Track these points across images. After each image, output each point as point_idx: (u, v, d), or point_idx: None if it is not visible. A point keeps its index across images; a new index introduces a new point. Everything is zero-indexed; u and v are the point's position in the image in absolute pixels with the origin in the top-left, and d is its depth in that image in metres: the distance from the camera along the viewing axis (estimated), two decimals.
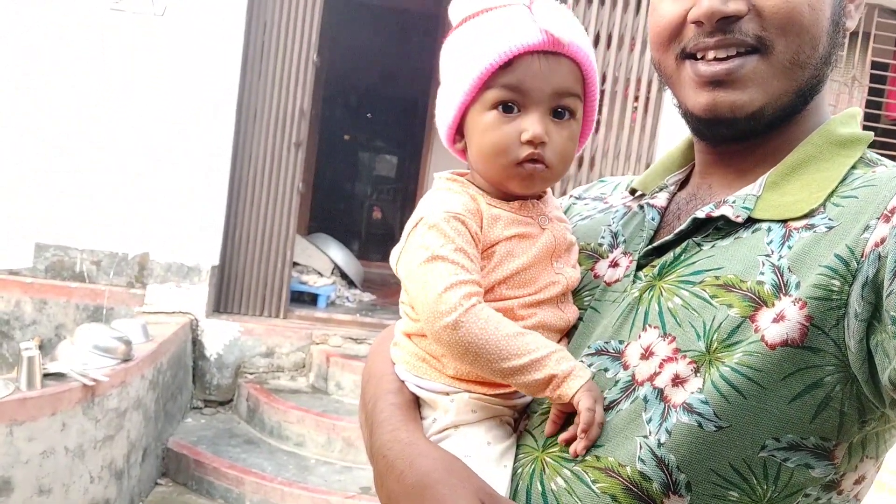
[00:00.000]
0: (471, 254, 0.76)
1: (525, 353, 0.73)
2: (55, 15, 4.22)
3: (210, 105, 4.34)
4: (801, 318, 0.65)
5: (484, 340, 0.73)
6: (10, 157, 4.27)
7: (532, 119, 0.77)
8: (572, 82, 0.78)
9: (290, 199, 4.60)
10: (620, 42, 4.63)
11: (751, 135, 0.77)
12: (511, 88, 0.77)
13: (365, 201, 9.06)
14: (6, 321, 4.25)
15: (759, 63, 0.73)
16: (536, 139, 0.76)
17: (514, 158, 0.78)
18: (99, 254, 4.36)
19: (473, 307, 0.73)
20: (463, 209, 0.78)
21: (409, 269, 0.78)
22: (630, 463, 0.68)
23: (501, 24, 0.77)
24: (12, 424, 2.51)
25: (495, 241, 0.79)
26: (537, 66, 0.76)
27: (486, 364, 0.74)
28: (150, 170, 4.34)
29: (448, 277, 0.74)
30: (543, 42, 0.75)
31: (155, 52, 4.28)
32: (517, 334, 0.74)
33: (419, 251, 0.77)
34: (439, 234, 0.76)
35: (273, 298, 4.64)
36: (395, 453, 0.76)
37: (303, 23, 4.50)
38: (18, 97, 4.25)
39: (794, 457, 0.66)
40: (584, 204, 0.99)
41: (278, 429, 3.92)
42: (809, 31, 0.72)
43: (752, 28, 0.72)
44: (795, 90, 0.74)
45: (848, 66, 4.93)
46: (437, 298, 0.74)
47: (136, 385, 3.28)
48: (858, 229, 0.67)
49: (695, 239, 0.76)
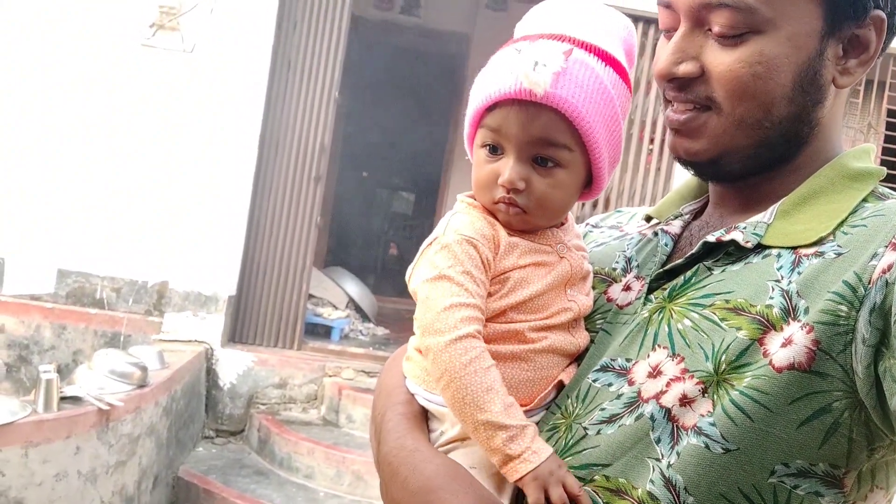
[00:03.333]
0: (477, 278, 0.77)
1: (486, 411, 0.72)
2: (88, 49, 4.37)
3: (233, 139, 4.44)
4: (809, 343, 0.65)
5: (461, 374, 0.73)
6: (36, 185, 4.38)
7: (507, 163, 0.78)
8: (554, 132, 0.77)
9: (308, 233, 4.66)
10: (636, 85, 4.71)
11: (733, 177, 0.80)
12: (493, 131, 0.79)
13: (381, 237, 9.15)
14: (26, 346, 4.31)
15: (710, 118, 0.76)
16: (507, 185, 0.78)
17: (492, 197, 0.80)
18: (119, 281, 4.43)
19: (470, 337, 0.74)
20: (476, 234, 0.79)
21: (417, 285, 0.80)
22: (642, 485, 0.69)
23: (501, 63, 0.78)
24: (28, 446, 2.54)
25: (510, 268, 0.80)
26: (514, 114, 0.76)
27: (450, 399, 0.74)
28: (172, 200, 4.43)
29: (450, 297, 0.75)
30: (517, 91, 0.75)
31: (182, 86, 4.41)
32: (493, 390, 0.73)
33: (428, 269, 0.79)
34: (450, 255, 0.78)
35: (288, 330, 4.67)
36: (400, 460, 0.77)
37: (326, 61, 4.62)
38: (46, 128, 4.38)
39: (804, 484, 0.66)
40: (600, 232, 1.01)
41: (288, 460, 3.91)
42: (756, 98, 0.74)
43: (704, 90, 0.76)
44: (756, 145, 0.76)
45: (864, 114, 4.97)
46: (435, 316, 0.75)
47: (150, 411, 3.31)
48: (867, 256, 0.67)
49: (706, 263, 0.77)
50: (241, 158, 4.47)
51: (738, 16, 0.72)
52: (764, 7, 0.71)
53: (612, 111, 0.79)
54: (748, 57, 0.73)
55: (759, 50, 0.72)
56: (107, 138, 4.40)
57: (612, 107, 0.79)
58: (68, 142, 4.39)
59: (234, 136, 4.44)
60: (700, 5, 0.73)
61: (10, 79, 4.37)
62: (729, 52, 0.73)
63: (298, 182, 4.63)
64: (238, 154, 4.46)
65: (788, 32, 0.72)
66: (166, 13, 4.36)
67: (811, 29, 0.73)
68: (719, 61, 0.74)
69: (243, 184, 4.48)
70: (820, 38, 0.74)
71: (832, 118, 0.80)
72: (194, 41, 4.40)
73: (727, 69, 0.73)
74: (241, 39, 4.43)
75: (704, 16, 0.74)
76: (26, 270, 4.37)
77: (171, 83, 4.40)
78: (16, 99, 4.38)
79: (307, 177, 4.63)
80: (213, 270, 4.45)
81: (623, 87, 0.82)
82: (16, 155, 4.38)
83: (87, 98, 4.39)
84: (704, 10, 0.73)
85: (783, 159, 0.78)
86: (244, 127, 4.45)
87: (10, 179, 4.39)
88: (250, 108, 4.46)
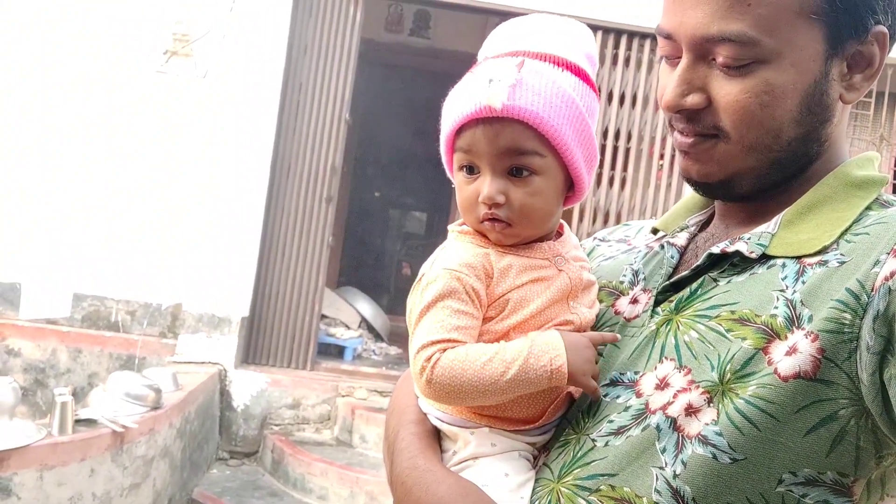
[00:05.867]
0: (458, 309, 0.77)
1: (505, 372, 0.75)
2: (103, 75, 4.45)
3: (246, 161, 4.50)
4: (814, 351, 0.66)
5: (460, 383, 0.75)
6: (53, 210, 4.45)
7: (484, 181, 0.80)
8: (521, 141, 0.78)
9: (321, 253, 4.69)
10: (646, 101, 4.72)
11: (742, 197, 0.81)
12: (466, 152, 0.81)
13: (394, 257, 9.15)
14: (42, 369, 4.35)
15: (718, 145, 0.77)
16: (487, 201, 0.79)
17: (477, 217, 0.81)
18: (134, 304, 4.47)
19: (437, 361, 0.75)
20: (461, 265, 0.79)
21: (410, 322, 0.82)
22: (646, 494, 0.68)
23: (461, 88, 0.81)
24: (43, 469, 2.56)
25: (508, 290, 0.80)
26: (480, 132, 0.79)
27: (478, 398, 0.76)
28: (187, 223, 4.48)
29: (423, 336, 0.77)
30: (478, 110, 0.77)
31: (195, 111, 4.47)
32: (489, 358, 0.75)
33: (414, 307, 0.80)
34: (431, 289, 0.78)
35: (301, 350, 4.68)
36: (413, 480, 0.78)
37: (336, 83, 4.67)
38: (62, 152, 4.45)
39: (813, 492, 0.66)
40: (607, 245, 1.01)
41: (302, 481, 3.90)
42: (764, 125, 0.74)
43: (711, 120, 0.76)
44: (766, 167, 0.77)
45: (875, 126, 4.94)
46: (413, 360, 0.77)
47: (164, 433, 3.32)
48: (869, 264, 0.68)
49: (711, 275, 0.77)
50: (253, 181, 4.51)
51: (741, 49, 0.72)
52: (766, 38, 0.71)
53: (576, 112, 0.80)
54: (754, 87, 0.73)
55: (765, 79, 0.73)
56: (124, 164, 4.47)
57: (575, 108, 0.80)
58: (85, 167, 4.46)
59: (247, 157, 4.49)
60: (703, 39, 0.74)
61: (27, 101, 4.45)
62: (735, 83, 0.74)
63: (310, 203, 4.67)
64: (251, 175, 4.51)
65: (792, 59, 0.73)
66: (179, 40, 4.44)
67: (814, 52, 0.73)
68: (725, 92, 0.74)
69: (256, 206, 4.53)
70: (824, 59, 0.74)
71: (839, 131, 0.80)
72: (207, 67, 4.47)
73: (734, 100, 0.74)
74: (253, 64, 4.49)
75: (708, 48, 0.74)
76: (42, 295, 4.43)
77: (184, 108, 4.47)
78: (33, 124, 4.46)
79: (319, 198, 4.67)
80: (226, 292, 4.48)
81: (584, 88, 0.82)
82: (33, 179, 4.45)
83: (104, 126, 4.46)
84: (708, 44, 0.74)
85: (793, 176, 0.79)
86: (256, 149, 4.51)
87: (27, 204, 4.46)
88: (262, 131, 4.51)
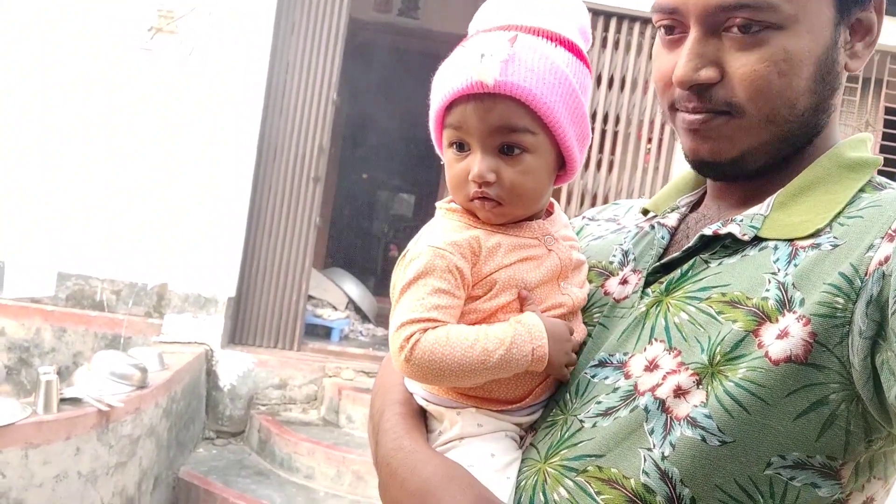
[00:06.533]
0: (439, 288, 0.76)
1: (490, 355, 0.74)
2: (87, 51, 4.39)
3: (232, 141, 4.46)
4: (805, 335, 0.65)
5: (440, 366, 0.74)
6: (36, 187, 4.40)
7: (475, 158, 0.78)
8: (513, 118, 0.76)
9: (308, 234, 4.67)
10: (634, 85, 4.72)
11: (746, 176, 0.79)
12: (456, 129, 0.79)
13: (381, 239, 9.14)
14: (26, 348, 4.32)
15: (730, 122, 0.75)
16: (478, 179, 0.78)
17: (467, 195, 0.80)
18: (119, 283, 4.44)
19: (417, 342, 0.74)
20: (446, 243, 0.78)
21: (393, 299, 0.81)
22: (634, 475, 0.68)
23: (452, 62, 0.79)
24: (28, 447, 2.55)
25: (496, 268, 0.78)
26: (471, 109, 0.77)
27: (456, 380, 0.76)
28: (172, 201, 4.44)
29: (402, 315, 0.75)
30: (469, 86, 0.76)
31: (181, 88, 4.42)
32: (475, 340, 0.74)
33: (397, 283, 0.79)
34: (411, 266, 0.77)
35: (287, 331, 4.68)
36: (398, 461, 0.77)
37: (324, 63, 4.63)
38: (46, 129, 4.39)
39: (801, 475, 0.66)
40: (597, 225, 1.00)
41: (289, 461, 3.92)
42: (782, 95, 0.73)
43: (724, 94, 0.74)
44: (779, 140, 0.76)
45: (861, 112, 4.97)
46: (391, 338, 0.76)
47: (150, 413, 3.32)
48: (863, 248, 0.67)
49: (702, 256, 0.77)
50: (240, 159, 4.48)
51: (759, 15, 0.71)
52: (785, 3, 0.71)
53: (569, 89, 0.79)
54: (771, 55, 0.72)
55: (782, 47, 0.72)
56: (106, 140, 4.42)
57: (568, 84, 0.79)
58: (68, 144, 4.40)
59: (233, 137, 4.45)
60: (717, 8, 0.72)
61: (9, 79, 4.39)
62: (750, 53, 0.72)
63: (297, 183, 4.64)
64: (237, 155, 4.47)
65: (808, 25, 0.72)
66: (164, 17, 4.37)
67: (826, 19, 0.73)
68: (741, 63, 0.73)
69: (242, 185, 4.49)
70: (833, 26, 0.74)
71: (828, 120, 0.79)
72: (193, 44, 4.41)
73: (751, 70, 0.72)
74: (240, 42, 4.44)
75: (721, 18, 0.73)
76: (26, 273, 4.39)
77: (170, 85, 4.41)
78: (15, 100, 4.39)
79: (306, 178, 4.64)
80: (212, 272, 4.46)
81: (578, 65, 0.81)
82: (15, 157, 4.40)
83: (86, 100, 4.40)
84: (722, 13, 0.72)
85: (797, 151, 0.78)
86: (243, 128, 4.47)
87: (9, 181, 4.40)
88: (249, 110, 4.47)
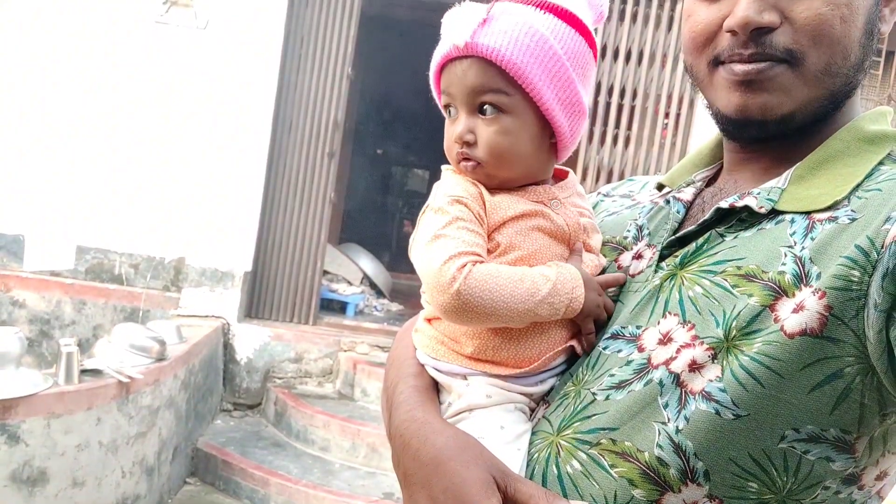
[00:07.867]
0: (472, 229, 0.79)
1: (536, 293, 0.76)
2: (103, 25, 4.40)
3: (247, 116, 4.47)
4: (821, 309, 0.65)
5: (491, 297, 0.75)
6: (56, 162, 4.44)
7: (459, 121, 0.82)
8: (486, 79, 0.79)
9: (323, 209, 4.69)
10: (652, 59, 4.66)
11: (780, 136, 0.78)
12: (446, 94, 0.84)
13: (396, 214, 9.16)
14: (47, 321, 4.39)
15: (788, 72, 0.74)
16: (457, 140, 0.82)
17: (456, 157, 0.83)
18: (137, 257, 4.49)
19: (470, 272, 0.75)
20: (464, 193, 0.81)
21: (417, 252, 0.81)
22: (648, 448, 0.68)
23: (442, 31, 0.83)
24: (50, 417, 2.61)
25: (501, 220, 0.81)
26: (451, 72, 0.82)
27: (502, 316, 0.76)
28: (189, 177, 4.47)
29: (447, 251, 0.76)
30: (450, 50, 0.80)
31: (196, 63, 4.42)
32: (518, 281, 0.76)
33: (424, 233, 0.80)
34: (442, 215, 0.80)
35: (303, 305, 4.72)
36: (411, 432, 0.77)
37: (338, 38, 4.61)
38: (64, 105, 4.42)
39: (815, 449, 0.66)
40: (611, 201, 1.00)
41: (304, 433, 3.98)
42: (841, 43, 0.73)
43: (784, 40, 0.73)
44: (827, 96, 0.75)
45: (884, 86, 4.89)
46: (437, 272, 0.76)
47: (169, 384, 3.37)
48: (880, 220, 0.66)
49: (718, 230, 0.76)
50: (255, 134, 4.49)
51: None
52: None
53: (547, 51, 0.79)
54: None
55: None
56: (126, 117, 4.44)
57: (547, 47, 0.79)
58: (87, 121, 4.43)
59: (248, 112, 4.46)
60: None
61: (28, 57, 4.41)
62: None
63: (312, 158, 4.65)
64: (252, 130, 4.48)
65: None
66: None
67: None
68: (804, 6, 0.72)
69: (258, 160, 4.51)
70: None
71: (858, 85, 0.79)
72: (207, 18, 4.40)
73: (815, 14, 0.72)
74: (254, 16, 4.43)
75: None
76: (46, 247, 4.45)
77: (184, 60, 4.42)
78: (34, 78, 4.42)
79: (321, 153, 4.65)
80: (229, 247, 4.49)
81: (567, 31, 0.81)
82: (35, 132, 4.43)
83: (105, 77, 4.42)
84: None
85: (818, 121, 0.77)
86: (258, 103, 4.47)
87: (29, 157, 4.44)
88: (264, 85, 4.47)
